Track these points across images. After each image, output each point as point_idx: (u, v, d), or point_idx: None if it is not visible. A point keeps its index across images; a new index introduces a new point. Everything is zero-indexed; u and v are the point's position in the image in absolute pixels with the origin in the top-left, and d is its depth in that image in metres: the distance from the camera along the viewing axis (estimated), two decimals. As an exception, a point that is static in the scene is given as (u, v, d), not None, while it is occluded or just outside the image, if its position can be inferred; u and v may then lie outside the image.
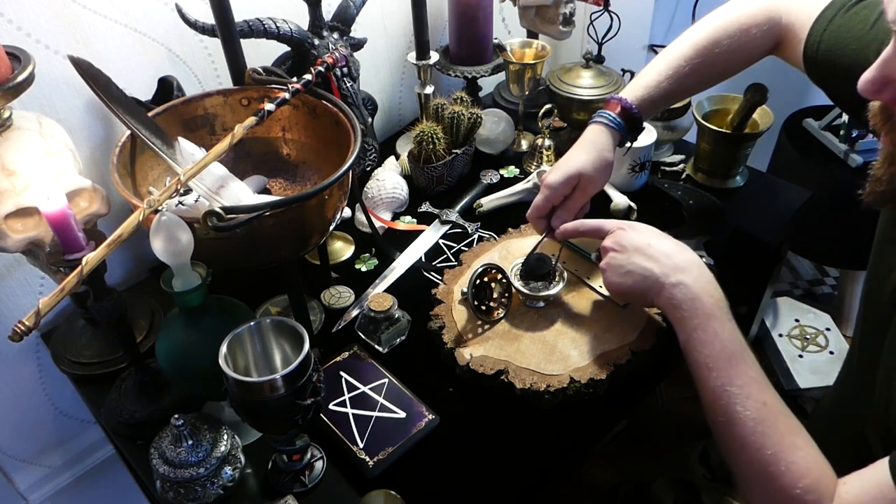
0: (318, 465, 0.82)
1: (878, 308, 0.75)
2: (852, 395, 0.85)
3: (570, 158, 0.94)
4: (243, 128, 0.78)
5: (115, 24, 0.96)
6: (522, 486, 0.81)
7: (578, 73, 1.26)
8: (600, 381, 0.86)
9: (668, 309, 0.78)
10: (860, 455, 0.64)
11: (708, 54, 0.93)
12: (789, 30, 0.89)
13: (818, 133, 1.75)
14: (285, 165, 0.97)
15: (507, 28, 1.56)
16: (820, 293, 2.08)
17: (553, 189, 0.93)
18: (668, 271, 0.78)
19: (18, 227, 0.78)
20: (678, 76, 0.94)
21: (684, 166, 1.27)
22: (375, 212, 1.14)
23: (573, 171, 0.92)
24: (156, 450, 0.76)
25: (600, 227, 0.89)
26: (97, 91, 0.83)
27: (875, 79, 0.56)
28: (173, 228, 0.67)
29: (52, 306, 0.63)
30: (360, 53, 1.07)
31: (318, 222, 0.82)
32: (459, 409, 0.88)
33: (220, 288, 0.81)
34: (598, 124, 0.96)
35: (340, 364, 0.93)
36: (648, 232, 0.85)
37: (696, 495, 0.98)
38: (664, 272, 0.78)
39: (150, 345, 0.95)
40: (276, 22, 0.95)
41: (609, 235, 0.87)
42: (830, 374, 1.60)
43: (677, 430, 1.66)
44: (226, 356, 0.69)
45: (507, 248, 1.07)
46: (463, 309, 0.96)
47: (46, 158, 0.80)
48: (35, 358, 1.10)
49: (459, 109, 1.17)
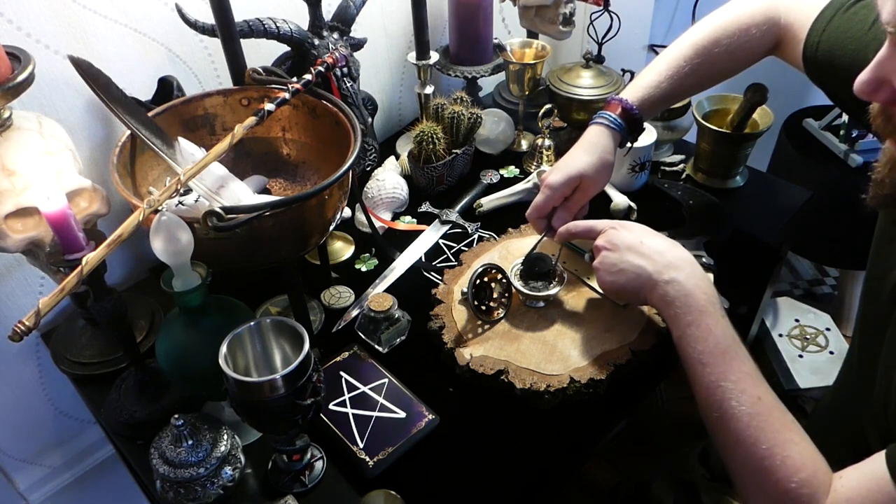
0: (318, 465, 0.82)
1: (877, 307, 0.75)
2: (852, 394, 0.85)
3: (571, 159, 0.95)
4: (243, 128, 0.78)
5: (115, 24, 0.96)
6: (522, 486, 0.81)
7: (578, 73, 1.26)
8: (600, 381, 0.86)
9: (662, 306, 0.79)
10: (859, 454, 0.64)
11: (708, 54, 0.93)
12: (788, 30, 0.89)
13: (818, 133, 1.75)
14: (285, 165, 0.97)
15: (507, 28, 1.56)
16: (820, 293, 2.08)
17: (554, 189, 0.93)
18: (660, 268, 0.79)
19: (18, 227, 0.78)
20: (678, 76, 0.95)
21: (684, 166, 1.27)
22: (375, 212, 1.14)
23: (574, 172, 0.93)
24: (156, 450, 0.76)
25: (592, 228, 0.90)
26: (97, 91, 0.83)
27: (870, 80, 0.56)
28: (173, 228, 0.67)
29: (52, 306, 0.63)
30: (360, 53, 1.07)
31: (318, 222, 0.82)
32: (459, 409, 0.88)
33: (220, 288, 0.81)
34: (599, 125, 0.96)
35: (340, 364, 0.93)
36: (640, 230, 0.85)
37: (695, 495, 0.98)
38: (657, 269, 0.79)
39: (150, 345, 0.95)
40: (276, 22, 0.95)
41: (601, 235, 0.87)
42: (830, 374, 1.60)
43: (677, 430, 1.66)
44: (226, 356, 0.69)
45: (507, 248, 1.07)
46: (463, 309, 0.96)
47: (46, 158, 0.80)
48: (35, 358, 1.10)
49: (459, 109, 1.17)
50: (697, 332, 0.73)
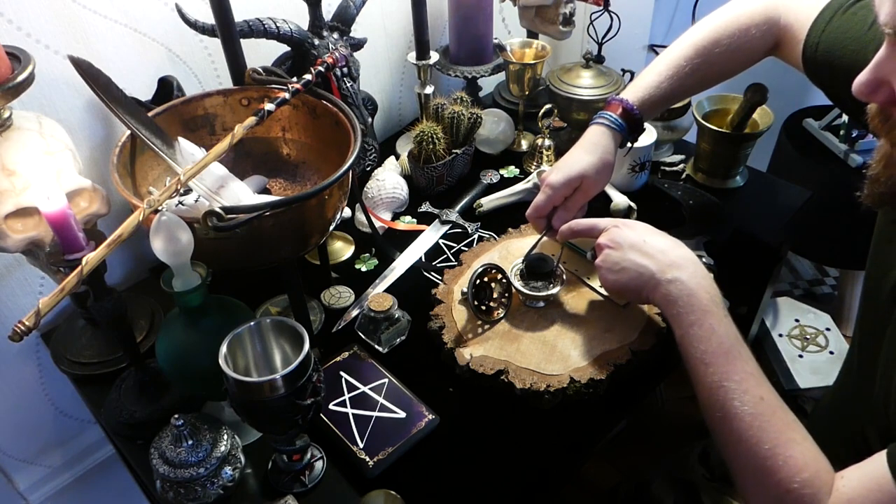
0: (318, 465, 0.82)
1: (876, 307, 0.76)
2: (852, 394, 0.85)
3: (571, 159, 0.95)
4: (243, 128, 0.78)
5: (115, 24, 0.96)
6: (522, 486, 0.81)
7: (578, 73, 1.26)
8: (600, 381, 0.86)
9: (664, 305, 0.78)
10: (860, 454, 0.64)
11: (708, 54, 0.93)
12: (788, 30, 0.89)
13: (818, 133, 1.75)
14: (285, 165, 0.97)
15: (507, 28, 1.56)
16: (820, 293, 2.08)
17: (555, 189, 0.93)
18: (663, 268, 0.78)
19: (18, 227, 0.78)
20: (678, 76, 0.95)
21: (684, 166, 1.27)
22: (375, 212, 1.14)
23: (575, 172, 0.93)
24: (156, 450, 0.76)
25: (594, 226, 0.89)
26: (97, 91, 0.83)
27: (869, 81, 0.56)
28: (173, 228, 0.67)
29: (52, 306, 0.63)
30: (360, 53, 1.07)
31: (318, 222, 0.82)
32: (459, 409, 0.88)
33: (220, 288, 0.81)
34: (600, 125, 0.96)
35: (340, 364, 0.93)
36: (643, 228, 0.85)
37: (695, 495, 0.98)
38: (660, 268, 0.79)
39: (150, 345, 0.95)
40: (276, 22, 0.95)
41: (604, 233, 0.87)
42: (830, 374, 1.60)
43: (677, 430, 1.66)
44: (226, 356, 0.69)
45: (507, 248, 1.07)
46: (463, 309, 0.96)
47: (46, 158, 0.80)
48: (35, 358, 1.10)
49: (459, 109, 1.17)
50: (700, 332, 0.73)
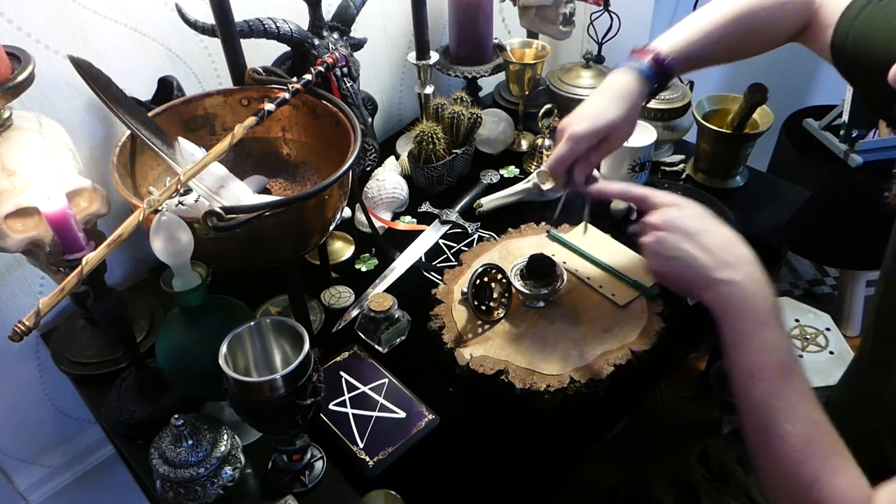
0: (318, 465, 0.82)
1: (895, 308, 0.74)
2: (859, 394, 0.84)
3: (597, 108, 0.86)
4: (243, 128, 0.78)
5: (115, 24, 0.96)
6: (522, 486, 0.81)
7: (578, 73, 1.26)
8: (600, 381, 0.86)
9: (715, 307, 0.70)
10: (869, 455, 0.63)
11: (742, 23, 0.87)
12: (819, 13, 0.85)
13: (818, 133, 1.75)
14: (285, 165, 0.97)
15: (507, 28, 1.56)
16: (820, 293, 2.08)
17: (577, 142, 0.84)
18: (719, 265, 0.69)
19: (18, 227, 0.78)
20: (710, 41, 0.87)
21: (684, 166, 1.27)
22: (375, 212, 1.14)
23: (603, 123, 0.84)
24: (156, 450, 0.76)
25: (646, 198, 0.78)
26: (97, 91, 0.83)
27: None
28: (173, 228, 0.67)
29: (52, 306, 0.63)
30: (360, 53, 1.07)
31: (318, 222, 0.82)
32: (459, 409, 0.88)
33: (220, 288, 0.81)
34: (631, 70, 0.87)
35: (340, 364, 0.93)
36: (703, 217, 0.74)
37: (695, 495, 0.98)
38: (716, 265, 0.70)
39: (150, 345, 0.95)
40: (276, 22, 0.95)
41: (657, 211, 0.75)
42: (830, 374, 1.60)
43: (677, 430, 1.66)
44: (226, 356, 0.69)
45: (507, 248, 1.07)
46: (463, 309, 0.96)
47: (46, 158, 0.80)
48: (35, 358, 1.10)
49: (459, 109, 1.17)
50: (752, 343, 0.67)
